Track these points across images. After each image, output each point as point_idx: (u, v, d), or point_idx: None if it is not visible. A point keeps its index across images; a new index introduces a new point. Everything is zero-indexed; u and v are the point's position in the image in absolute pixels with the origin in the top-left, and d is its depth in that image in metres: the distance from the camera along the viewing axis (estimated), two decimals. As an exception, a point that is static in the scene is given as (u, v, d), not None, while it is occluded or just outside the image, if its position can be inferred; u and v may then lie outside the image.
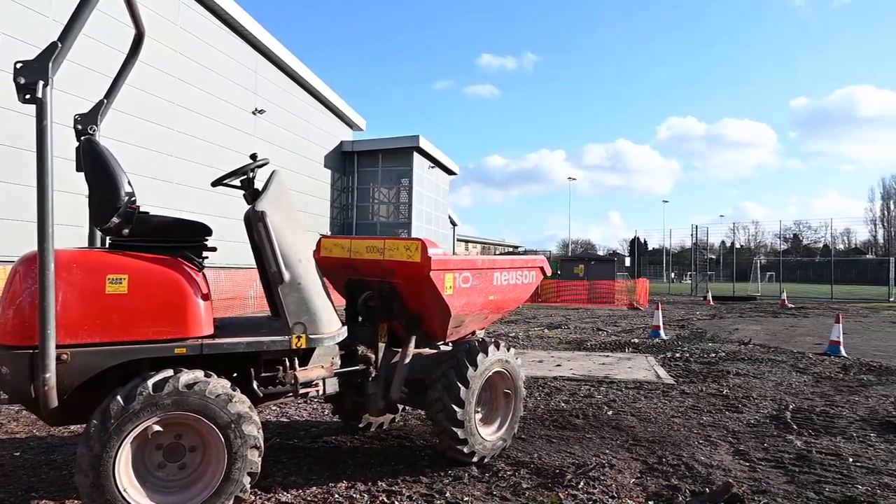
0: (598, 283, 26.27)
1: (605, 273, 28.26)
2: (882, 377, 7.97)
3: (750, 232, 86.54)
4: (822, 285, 37.85)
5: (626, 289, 26.07)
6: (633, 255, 57.01)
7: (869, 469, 4.22)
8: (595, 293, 25.74)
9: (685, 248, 62.56)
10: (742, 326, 15.88)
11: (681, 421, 5.46)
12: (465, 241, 65.87)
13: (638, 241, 69.25)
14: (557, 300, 25.61)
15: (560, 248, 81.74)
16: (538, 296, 26.15)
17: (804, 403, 6.22)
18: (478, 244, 71.60)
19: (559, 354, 9.48)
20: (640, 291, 25.59)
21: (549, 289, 26.59)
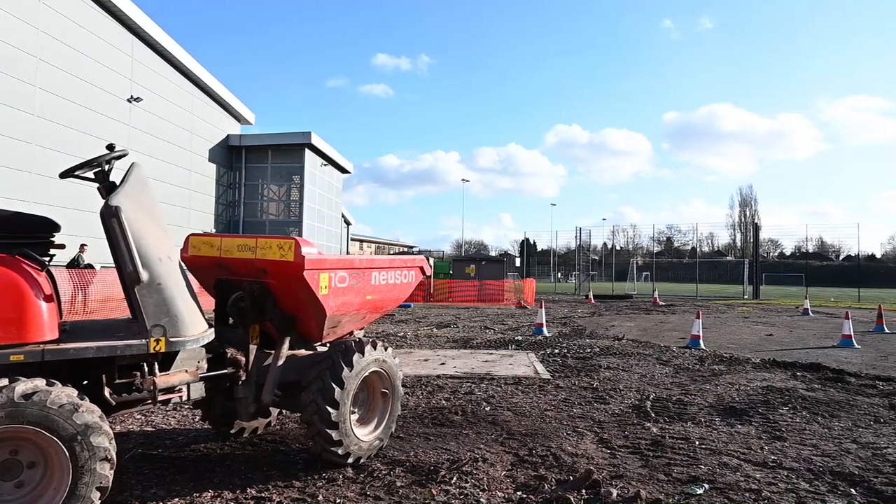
0: (488, 283, 26.99)
1: (495, 273, 29.09)
2: (731, 367, 8.82)
3: (629, 235, 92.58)
4: (690, 284, 41.24)
5: (515, 288, 27.00)
6: (522, 256, 59.10)
7: (712, 450, 4.66)
8: (485, 292, 26.43)
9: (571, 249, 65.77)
10: (618, 323, 16.95)
11: (553, 414, 5.74)
12: (359, 241, 65.20)
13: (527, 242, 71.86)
14: (449, 300, 26.02)
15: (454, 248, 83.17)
16: (431, 296, 26.45)
17: (663, 393, 6.76)
18: (372, 244, 71.16)
19: (445, 353, 9.64)
20: (528, 291, 26.61)
21: (442, 289, 26.97)
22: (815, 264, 72.96)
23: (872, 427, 5.45)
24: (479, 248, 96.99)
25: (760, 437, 5.08)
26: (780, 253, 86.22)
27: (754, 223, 65.75)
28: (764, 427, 5.37)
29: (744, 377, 7.91)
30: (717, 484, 3.95)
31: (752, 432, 5.21)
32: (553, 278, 52.56)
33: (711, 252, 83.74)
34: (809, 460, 4.46)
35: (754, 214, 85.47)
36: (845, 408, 6.17)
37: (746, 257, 45.78)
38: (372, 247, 69.85)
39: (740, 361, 9.40)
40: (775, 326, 17.09)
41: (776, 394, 6.72)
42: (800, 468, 4.30)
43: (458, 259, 33.54)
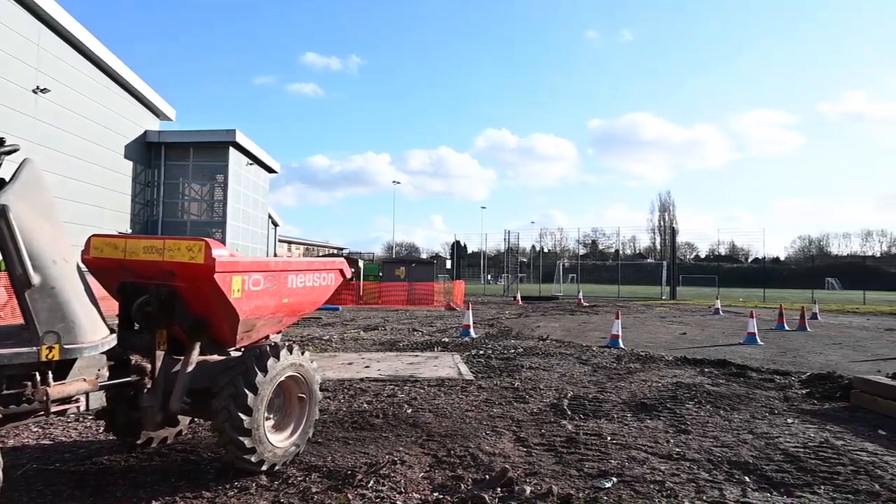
0: (418, 285, 27.03)
1: (425, 275, 29.16)
2: (646, 365, 9.23)
3: (556, 237, 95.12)
4: (613, 286, 42.80)
5: (444, 290, 27.17)
6: (453, 258, 59.59)
7: (622, 445, 4.86)
8: (415, 295, 26.45)
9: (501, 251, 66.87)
10: (543, 324, 17.37)
11: (474, 414, 5.82)
12: (287, 242, 63.72)
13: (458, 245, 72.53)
14: (379, 302, 25.87)
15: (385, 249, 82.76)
16: (360, 298, 26.20)
17: (581, 391, 6.98)
18: (301, 245, 69.73)
19: (370, 356, 9.58)
20: (457, 293, 26.85)
21: (371, 291, 26.77)
22: (727, 266, 77.44)
23: (767, 418, 5.85)
24: (411, 250, 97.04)
25: (667, 430, 5.34)
26: (695, 255, 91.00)
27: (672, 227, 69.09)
28: (671, 421, 5.66)
29: (656, 374, 8.30)
30: (625, 477, 4.12)
31: (660, 426, 5.47)
32: (483, 280, 53.24)
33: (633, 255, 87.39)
34: (710, 451, 4.73)
35: (672, 219, 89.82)
36: (745, 401, 6.59)
37: (665, 260, 48.00)
38: (300, 248, 68.43)
39: (655, 359, 9.85)
40: (689, 325, 18.01)
41: (684, 389, 7.08)
42: (701, 459, 4.55)
43: (388, 261, 33.42)
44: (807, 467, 4.39)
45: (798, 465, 4.45)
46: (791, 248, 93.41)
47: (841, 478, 4.20)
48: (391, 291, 26.66)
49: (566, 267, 54.86)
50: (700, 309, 26.04)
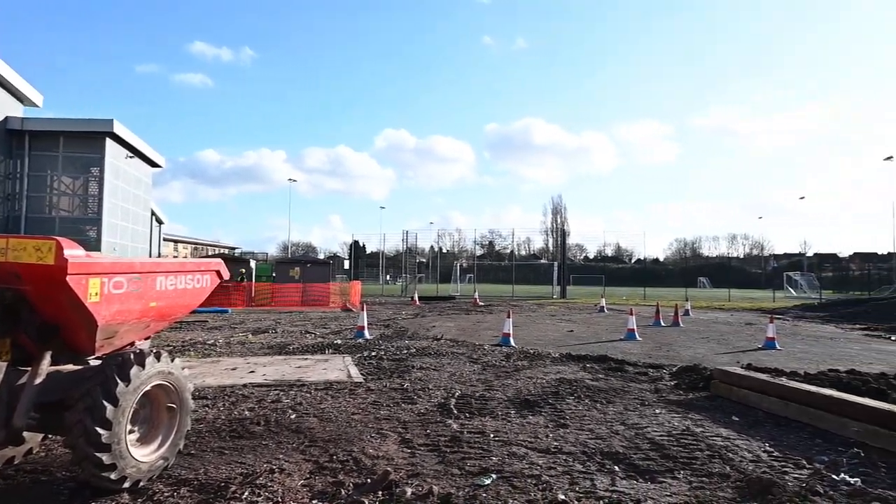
0: (313, 286, 26.40)
1: (320, 276, 28.55)
2: (533, 362, 9.55)
3: (454, 238, 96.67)
4: (508, 285, 44.11)
5: (341, 291, 26.75)
6: (351, 258, 58.85)
7: (504, 442, 4.98)
8: (310, 296, 25.82)
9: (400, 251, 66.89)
10: (439, 324, 17.54)
11: (360, 417, 5.74)
12: (173, 241, 60.09)
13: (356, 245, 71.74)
14: (272, 304, 25.00)
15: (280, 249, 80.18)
16: (251, 300, 25.20)
17: (468, 390, 7.10)
18: (188, 244, 66.01)
19: (257, 360, 9.22)
20: (354, 293, 26.52)
21: (263, 292, 25.83)
22: (613, 267, 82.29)
23: (639, 410, 6.24)
24: (308, 250, 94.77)
25: (548, 425, 5.55)
26: (584, 256, 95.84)
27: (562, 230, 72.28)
28: (552, 416, 5.88)
29: (542, 371, 8.62)
30: (505, 473, 4.22)
31: (542, 422, 5.67)
32: (381, 281, 53.00)
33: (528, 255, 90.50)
34: (585, 444, 4.96)
35: (564, 221, 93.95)
36: (620, 394, 6.99)
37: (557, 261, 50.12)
38: (188, 248, 64.78)
39: (542, 356, 10.23)
40: (576, 323, 18.91)
41: (566, 385, 7.40)
42: (576, 451, 4.76)
43: (282, 261, 32.39)
44: (670, 454, 4.72)
45: (662, 452, 4.77)
46: (669, 249, 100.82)
47: (698, 462, 4.55)
48: (285, 293, 25.85)
49: (464, 267, 55.88)
50: (587, 307, 27.42)
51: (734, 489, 4.00)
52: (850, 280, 53.76)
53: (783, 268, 67.35)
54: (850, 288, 49.91)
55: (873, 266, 57.80)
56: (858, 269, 59.43)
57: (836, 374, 7.72)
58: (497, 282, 55.96)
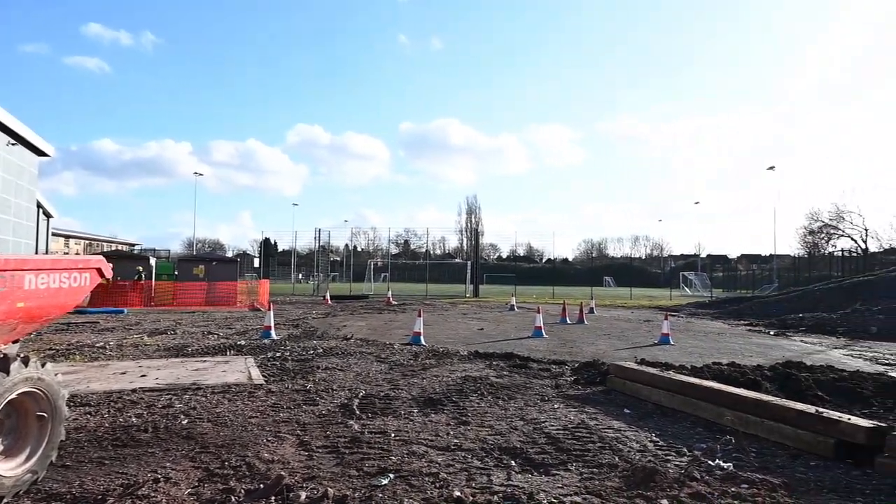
0: (219, 285, 25.32)
1: (227, 274, 27.43)
2: (441, 360, 9.62)
3: (369, 237, 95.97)
4: (423, 284, 44.25)
5: (248, 290, 25.83)
6: (262, 256, 56.99)
7: (405, 441, 4.98)
8: (215, 295, 24.74)
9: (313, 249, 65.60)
10: (350, 323, 17.31)
11: (258, 420, 5.55)
12: (63, 236, 55.74)
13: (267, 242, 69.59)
14: (173, 303, 23.74)
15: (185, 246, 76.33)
16: (150, 299, 23.82)
17: (373, 390, 7.04)
18: (82, 240, 61.48)
19: (150, 363, 8.70)
20: (262, 292, 25.67)
21: (164, 291, 24.49)
22: (525, 266, 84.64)
23: (538, 405, 6.43)
24: (215, 248, 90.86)
25: (449, 423, 5.60)
26: (498, 256, 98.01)
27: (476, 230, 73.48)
28: (454, 414, 5.94)
29: (448, 369, 8.69)
30: (403, 472, 4.22)
31: (444, 420, 5.72)
32: (293, 279, 51.67)
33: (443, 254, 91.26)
34: (484, 440, 5.05)
35: (478, 221, 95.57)
36: (522, 390, 7.18)
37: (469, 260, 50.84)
38: (81, 244, 60.32)
39: (450, 355, 10.32)
40: (487, 321, 19.26)
41: (471, 383, 7.50)
42: (476, 448, 4.83)
43: (185, 259, 30.82)
44: (564, 447, 4.89)
45: (557, 445, 4.94)
46: (577, 250, 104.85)
47: (590, 454, 4.74)
48: (188, 292, 24.62)
49: (378, 266, 55.49)
50: (499, 305, 27.99)
51: (621, 478, 4.19)
52: (738, 279, 58.16)
53: (680, 268, 71.90)
54: (737, 286, 53.99)
55: (757, 266, 62.83)
56: (745, 270, 64.42)
57: (718, 366, 8.29)
58: (412, 281, 56.02)
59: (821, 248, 60.97)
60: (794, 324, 19.78)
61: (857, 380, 7.92)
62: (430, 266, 44.71)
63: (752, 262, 73.75)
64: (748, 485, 4.06)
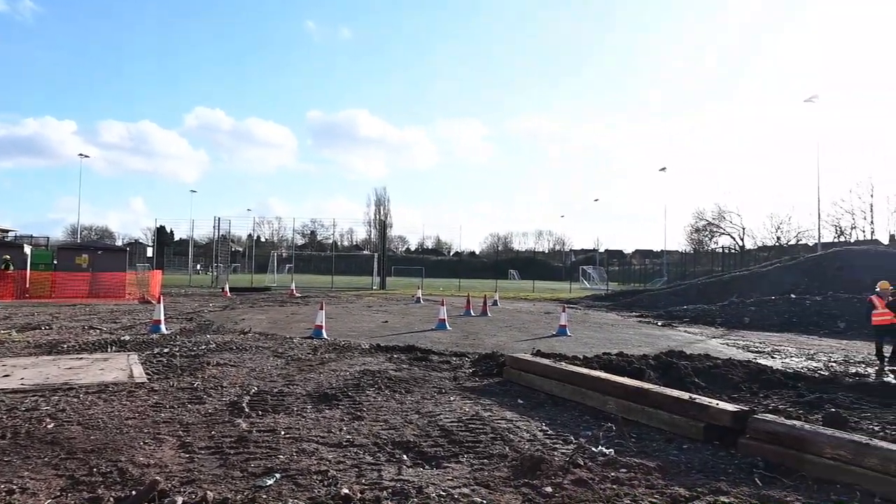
0: (105, 276, 23.58)
1: (115, 264, 25.57)
2: (341, 354, 9.47)
3: (273, 226, 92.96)
4: (329, 276, 43.47)
5: (139, 281, 24.25)
6: (156, 246, 53.71)
7: (295, 438, 4.83)
8: (101, 286, 23.03)
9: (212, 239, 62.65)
10: (249, 316, 16.68)
11: (135, 422, 5.19)
12: (-80, 221, 49.79)
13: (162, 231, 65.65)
14: (52, 296, 21.86)
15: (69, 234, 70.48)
16: (25, 291, 21.80)
17: (267, 386, 6.80)
18: (-57, 226, 55.15)
19: (16, 362, 7.92)
20: (154, 284, 24.20)
21: (41, 283, 22.53)
22: (433, 259, 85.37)
23: (435, 398, 6.46)
24: (103, 236, 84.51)
25: (343, 418, 5.50)
26: (406, 248, 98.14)
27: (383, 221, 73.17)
28: (349, 409, 5.84)
29: (348, 363, 8.56)
30: (291, 471, 4.08)
31: (337, 415, 5.61)
32: (190, 270, 49.11)
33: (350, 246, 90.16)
34: (378, 435, 5.00)
35: (387, 213, 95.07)
36: (420, 383, 7.19)
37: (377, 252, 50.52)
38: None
39: (351, 348, 10.18)
40: (392, 314, 19.21)
41: (369, 376, 7.42)
42: (368, 443, 4.77)
43: (66, 247, 28.42)
44: (457, 439, 4.94)
45: (451, 438, 4.97)
46: (484, 243, 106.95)
47: (482, 445, 4.82)
48: (70, 283, 22.73)
49: (283, 257, 53.94)
50: (405, 298, 28.01)
51: (510, 468, 4.28)
52: (632, 273, 61.64)
53: (580, 262, 75.27)
54: (631, 280, 57.21)
55: (650, 261, 66.91)
56: (639, 264, 68.44)
57: (608, 356, 8.72)
58: (318, 272, 54.90)
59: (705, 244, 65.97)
60: (679, 315, 21.22)
61: (729, 367, 8.60)
62: (338, 258, 44.06)
63: (644, 256, 78.43)
64: (626, 469, 4.27)
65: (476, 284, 45.77)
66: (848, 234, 57.00)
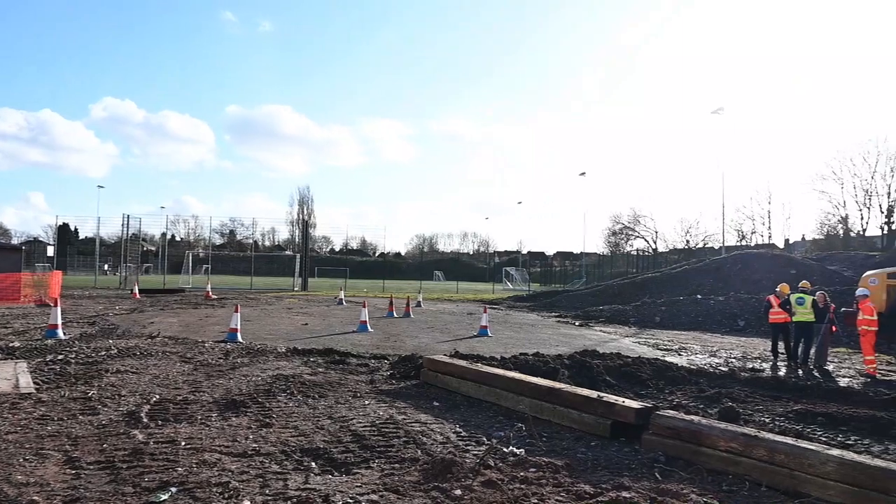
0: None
1: (9, 264, 23.62)
2: (255, 358, 9.13)
3: (190, 225, 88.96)
4: (249, 277, 42.03)
5: (36, 283, 22.51)
6: (58, 245, 50.13)
7: (196, 449, 4.58)
8: (-9, 289, 21.17)
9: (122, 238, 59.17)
10: (160, 319, 15.84)
11: (16, 437, 4.76)
12: None
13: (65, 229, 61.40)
14: (-69, 299, 19.89)
15: (-44, 231, 64.65)
16: None
17: (170, 394, 6.44)
18: None
19: None
20: (53, 285, 22.53)
21: (-81, 284, 20.44)
22: (357, 259, 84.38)
23: (349, 402, 6.33)
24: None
25: (251, 426, 5.28)
26: (331, 249, 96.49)
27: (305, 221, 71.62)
28: (258, 416, 5.62)
29: (261, 368, 8.27)
30: (189, 484, 3.86)
31: (245, 423, 5.38)
32: (97, 271, 46.16)
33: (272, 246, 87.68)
34: (286, 442, 4.83)
35: (310, 213, 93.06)
36: (335, 387, 7.03)
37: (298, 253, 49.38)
38: None
39: (266, 352, 9.85)
40: (312, 316, 18.79)
41: (282, 381, 7.18)
42: (276, 451, 4.59)
43: (-49, 246, 26.01)
44: (369, 444, 4.85)
45: (362, 443, 4.88)
46: (410, 244, 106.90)
47: (394, 449, 4.75)
48: (-46, 285, 20.78)
49: (200, 257, 51.74)
50: (327, 300, 27.49)
51: (421, 472, 4.24)
52: (553, 275, 63.35)
53: (503, 263, 76.57)
54: (552, 281, 58.79)
55: (570, 263, 69.02)
56: (559, 266, 70.36)
57: (525, 357, 8.87)
58: (238, 273, 52.97)
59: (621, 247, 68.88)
60: (595, 315, 21.98)
61: (638, 365, 8.97)
62: (258, 258, 42.73)
63: (565, 258, 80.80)
64: (536, 468, 4.33)
65: (401, 285, 45.60)
66: (749, 239, 61.28)
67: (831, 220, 53.68)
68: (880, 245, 45.67)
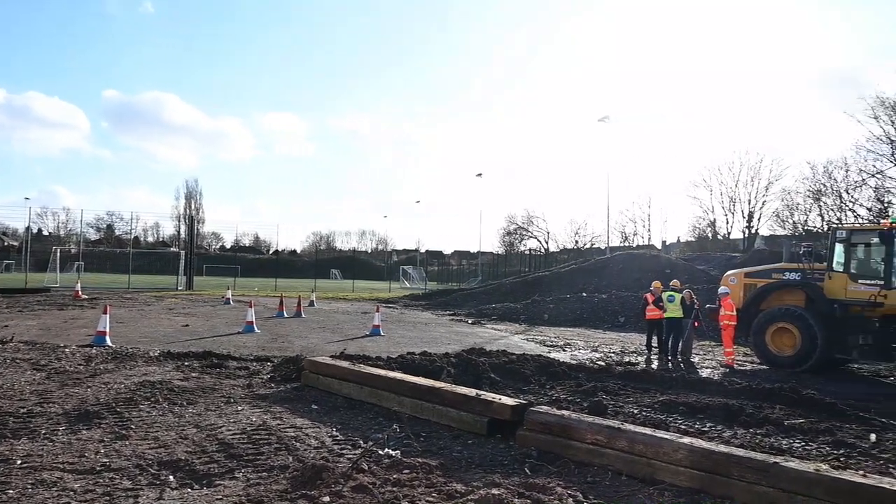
0: None
1: None
2: (121, 364, 8.43)
3: (60, 218, 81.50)
4: (127, 275, 39.06)
5: None
6: None
7: (34, 468, 4.10)
8: None
9: (-23, 232, 53.00)
10: (16, 322, 14.30)
11: None
12: None
13: None
14: None
15: None
16: None
17: (13, 406, 5.76)
18: None
19: None
20: None
21: None
22: (250, 257, 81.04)
23: (220, 409, 5.98)
24: None
25: (103, 439, 4.83)
26: (221, 245, 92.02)
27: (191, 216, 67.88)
28: (113, 427, 5.15)
29: (125, 374, 7.64)
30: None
31: (97, 436, 4.91)
32: (-57, 269, 41.05)
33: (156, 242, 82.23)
34: (143, 455, 4.45)
35: (199, 208, 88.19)
36: (208, 393, 6.63)
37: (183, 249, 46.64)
38: None
39: (135, 356, 9.14)
40: (195, 316, 17.76)
41: (147, 388, 6.66)
42: (129, 466, 4.22)
43: None
44: (236, 453, 4.58)
45: (229, 452, 4.60)
46: (306, 242, 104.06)
47: (264, 457, 4.53)
48: None
49: (71, 253, 47.43)
50: (213, 299, 26.13)
51: (289, 480, 4.05)
52: (450, 273, 64.23)
53: (401, 262, 76.63)
54: (449, 280, 59.57)
55: (467, 262, 70.34)
56: (457, 264, 71.59)
57: (411, 356, 8.82)
58: (116, 271, 49.08)
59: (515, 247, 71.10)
60: (488, 313, 22.48)
61: (523, 362, 9.21)
62: (137, 255, 39.91)
63: (462, 257, 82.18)
64: (409, 469, 4.28)
65: (295, 284, 44.26)
66: (631, 240, 65.37)
67: (702, 224, 58.53)
68: (742, 247, 50.28)
